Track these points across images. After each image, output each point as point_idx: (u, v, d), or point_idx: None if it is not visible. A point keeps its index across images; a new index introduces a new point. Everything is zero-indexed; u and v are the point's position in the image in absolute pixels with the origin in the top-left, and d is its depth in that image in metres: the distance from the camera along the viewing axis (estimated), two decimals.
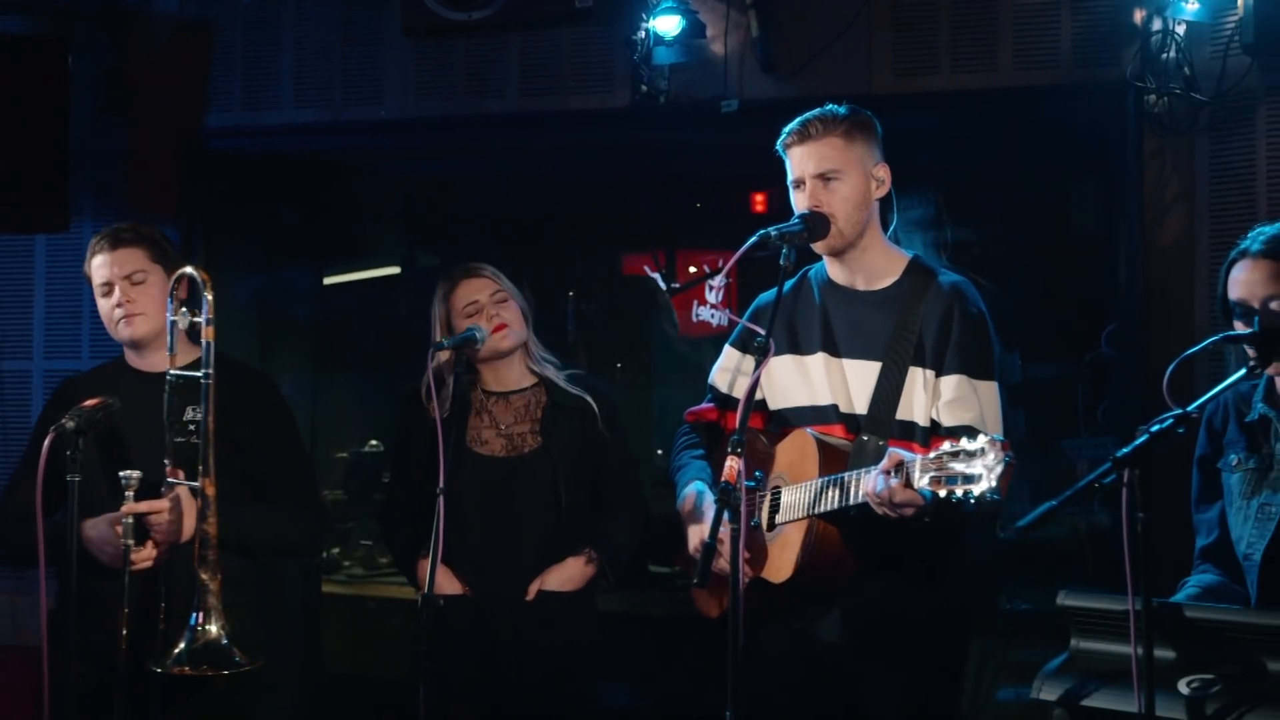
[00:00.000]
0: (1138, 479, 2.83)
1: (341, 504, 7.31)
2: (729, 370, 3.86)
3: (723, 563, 3.43)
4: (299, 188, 6.39)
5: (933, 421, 3.48)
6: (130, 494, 3.55)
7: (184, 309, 3.75)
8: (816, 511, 3.40)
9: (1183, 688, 2.86)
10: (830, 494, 3.37)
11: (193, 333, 3.79)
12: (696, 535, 3.61)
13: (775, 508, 3.57)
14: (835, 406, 3.57)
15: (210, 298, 3.67)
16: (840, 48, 5.16)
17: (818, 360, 3.61)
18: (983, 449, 3.02)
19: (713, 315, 8.61)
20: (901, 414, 3.49)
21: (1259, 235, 3.30)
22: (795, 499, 3.48)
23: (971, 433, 3.32)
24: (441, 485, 3.81)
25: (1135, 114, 4.92)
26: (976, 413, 3.44)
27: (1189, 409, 2.96)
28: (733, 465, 3.17)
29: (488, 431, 4.16)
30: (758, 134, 5.61)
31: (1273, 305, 3.22)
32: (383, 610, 6.96)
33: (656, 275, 8.42)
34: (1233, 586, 3.39)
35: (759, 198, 7.76)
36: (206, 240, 5.81)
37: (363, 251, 8.04)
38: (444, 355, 4.13)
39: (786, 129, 3.59)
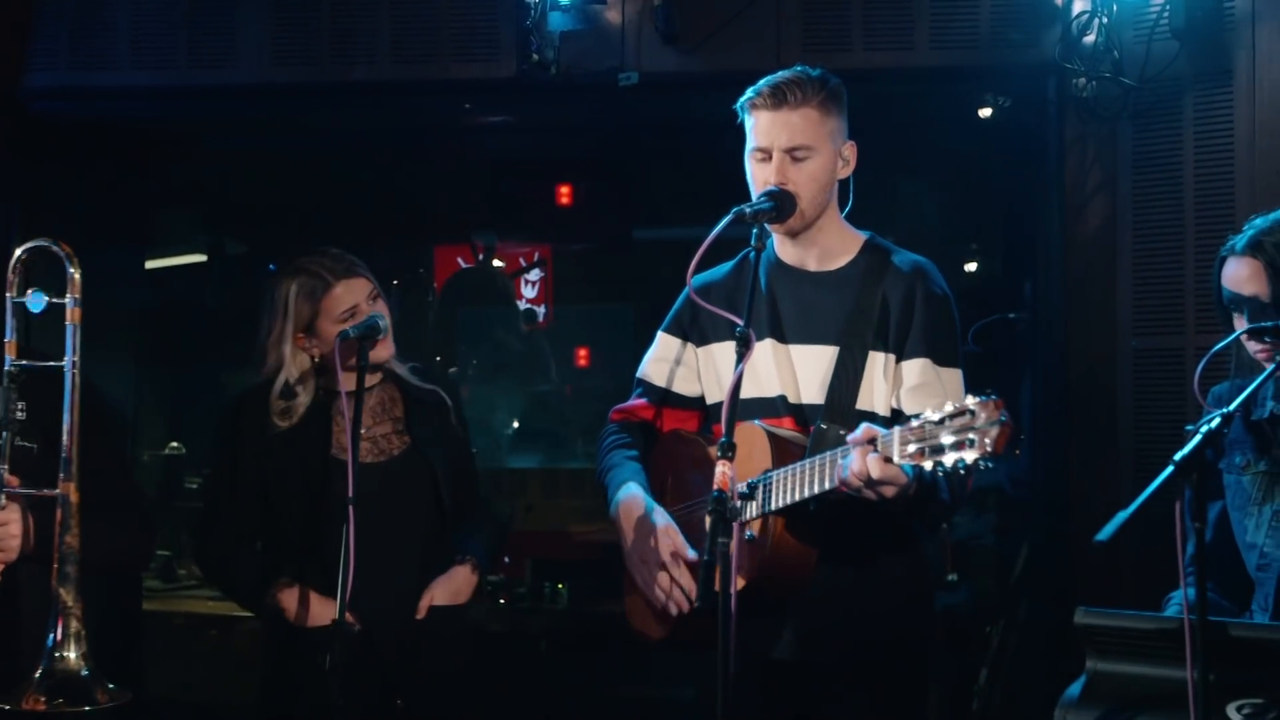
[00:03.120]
0: (1196, 484, 2.57)
1: None
2: (665, 360, 3.48)
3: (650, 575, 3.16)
4: (134, 159, 5.77)
5: (894, 410, 3.19)
6: None
7: (30, 289, 3.19)
8: (775, 506, 3.03)
9: (1233, 713, 2.63)
10: (791, 482, 3.01)
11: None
12: (667, 548, 3.19)
13: None
14: (784, 397, 3.25)
15: (77, 275, 3.16)
16: (747, 20, 4.86)
17: (764, 347, 3.26)
18: (971, 410, 2.68)
19: (532, 309, 8.27)
20: (860, 403, 3.18)
21: (1247, 229, 3.13)
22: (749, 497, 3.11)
23: None
24: (351, 494, 3.34)
25: (1057, 98, 4.74)
26: (941, 400, 3.09)
27: (1230, 408, 2.71)
28: (724, 471, 2.80)
29: (346, 436, 3.64)
30: (656, 110, 5.40)
31: (1264, 301, 3.04)
32: (191, 627, 6.40)
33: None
34: (1220, 601, 3.17)
35: (563, 190, 7.49)
36: (26, 214, 5.16)
37: (182, 235, 7.45)
38: (304, 354, 3.64)
39: (754, 88, 3.21)
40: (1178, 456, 2.57)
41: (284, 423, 3.63)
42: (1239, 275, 3.08)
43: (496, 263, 8.14)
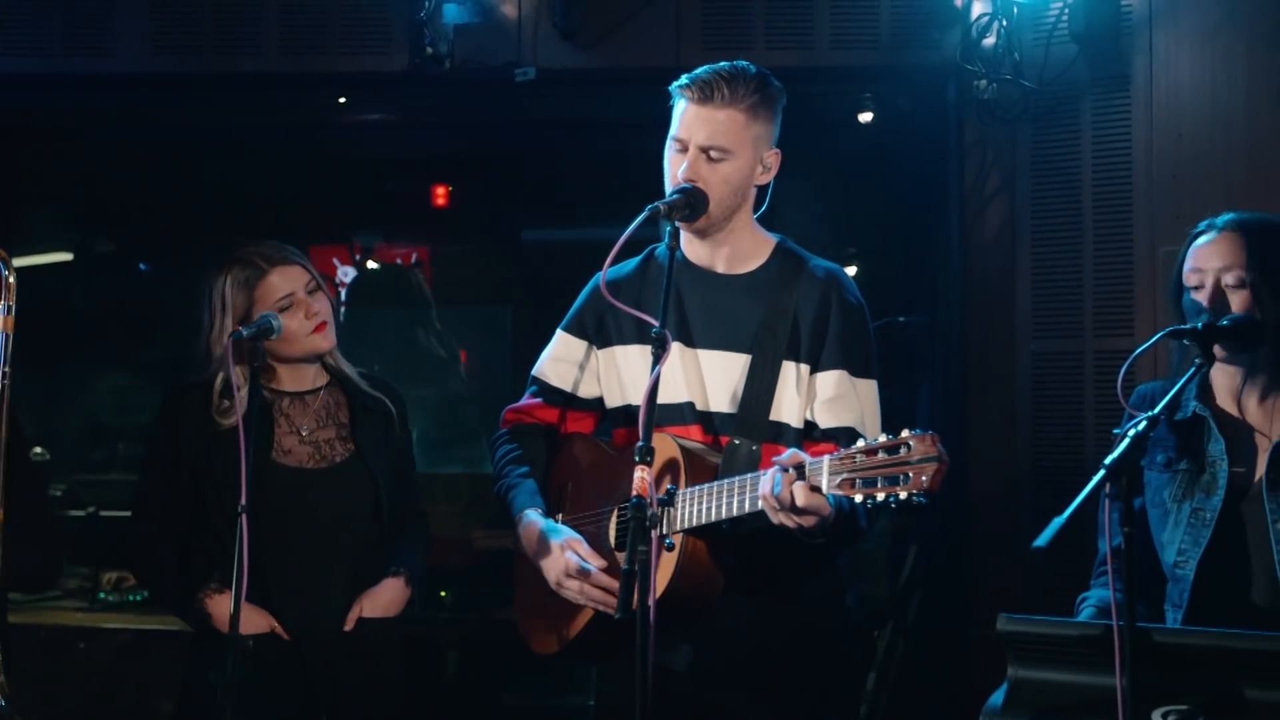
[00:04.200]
0: (1124, 489, 2.54)
1: None
2: (566, 361, 3.36)
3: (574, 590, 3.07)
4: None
5: (807, 423, 3.12)
6: None
7: None
8: (689, 525, 2.95)
9: (1158, 719, 2.59)
10: (709, 503, 2.93)
11: None
12: (555, 572, 3.11)
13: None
14: (691, 404, 3.15)
15: (12, 279, 3.16)
16: (647, 17, 4.78)
17: (671, 351, 3.15)
18: (907, 444, 2.63)
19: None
20: (773, 414, 3.11)
21: (1224, 216, 3.09)
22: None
23: (854, 435, 3.04)
24: (244, 503, 3.18)
25: (957, 100, 4.72)
26: (858, 413, 3.10)
27: (1155, 411, 2.70)
28: (643, 477, 2.72)
29: (289, 439, 3.57)
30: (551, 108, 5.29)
31: (1227, 279, 3.00)
32: (57, 641, 6.13)
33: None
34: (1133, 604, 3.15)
35: (448, 190, 7.36)
36: None
37: (48, 233, 7.15)
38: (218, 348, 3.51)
39: (688, 76, 3.10)
40: (1108, 460, 2.54)
41: (226, 422, 3.50)
42: (1214, 249, 3.02)
43: (371, 264, 7.97)
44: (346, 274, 8.07)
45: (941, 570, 4.92)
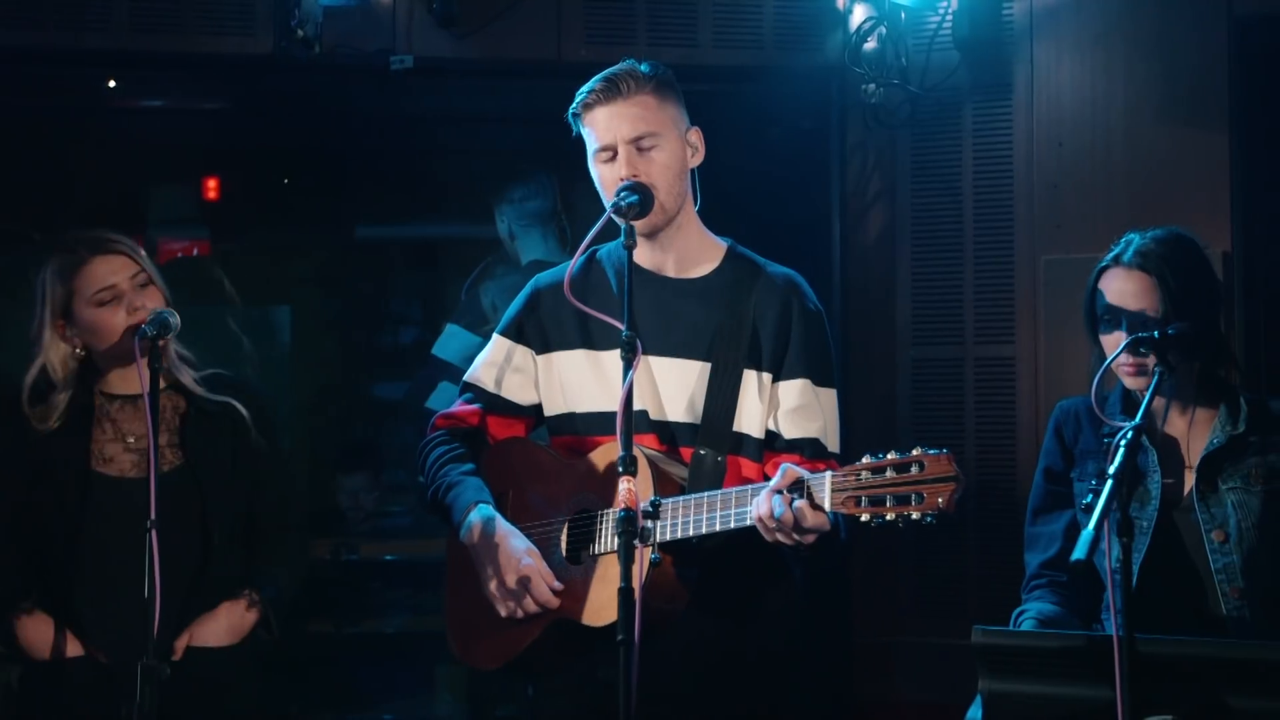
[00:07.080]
0: (1124, 498, 2.55)
1: None
2: (497, 365, 3.21)
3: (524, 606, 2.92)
4: None
5: (769, 433, 3.03)
6: None
7: None
8: (662, 539, 2.83)
9: None
10: (687, 517, 2.82)
11: None
12: (512, 572, 2.93)
13: (586, 536, 2.98)
14: (645, 413, 3.03)
15: None
16: (528, 8, 4.62)
17: (617, 357, 3.00)
18: (919, 463, 2.59)
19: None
20: (735, 424, 3.01)
21: (1129, 243, 3.10)
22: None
23: (818, 446, 2.99)
24: (153, 517, 2.95)
25: (839, 104, 4.70)
26: (821, 423, 3.04)
27: (1138, 419, 2.72)
28: (629, 488, 2.60)
29: (113, 446, 3.30)
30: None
31: (1147, 317, 3.05)
32: None
33: None
34: (1071, 618, 3.17)
35: (211, 183, 7.09)
36: None
37: None
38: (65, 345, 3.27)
39: (585, 88, 3.01)
40: (1111, 469, 2.56)
41: (41, 425, 3.23)
42: (1125, 289, 3.05)
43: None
44: None
45: (819, 577, 4.88)
